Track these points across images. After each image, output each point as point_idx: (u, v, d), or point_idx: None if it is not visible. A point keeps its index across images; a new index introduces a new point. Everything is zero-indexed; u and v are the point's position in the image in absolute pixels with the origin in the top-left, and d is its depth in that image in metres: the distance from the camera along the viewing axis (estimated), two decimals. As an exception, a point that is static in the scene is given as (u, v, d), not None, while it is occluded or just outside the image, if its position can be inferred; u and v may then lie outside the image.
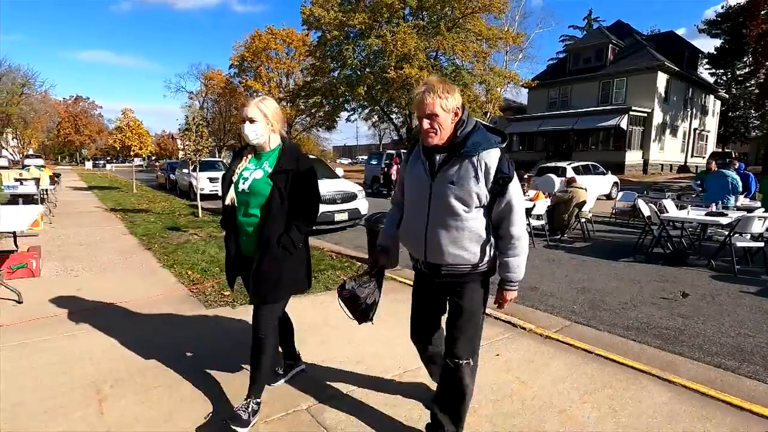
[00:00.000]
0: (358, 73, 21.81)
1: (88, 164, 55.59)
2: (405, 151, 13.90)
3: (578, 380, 2.61)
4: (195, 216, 9.31)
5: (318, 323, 3.42)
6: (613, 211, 10.01)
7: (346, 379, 2.55)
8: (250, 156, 2.12)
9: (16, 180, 8.28)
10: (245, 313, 3.38)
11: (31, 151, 52.61)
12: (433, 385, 2.22)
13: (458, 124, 1.71)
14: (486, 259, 1.77)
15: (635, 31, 29.30)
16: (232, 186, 2.08)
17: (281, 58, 36.32)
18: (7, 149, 50.92)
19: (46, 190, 10.10)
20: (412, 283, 2.10)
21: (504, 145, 1.74)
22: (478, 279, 1.81)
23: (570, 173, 13.27)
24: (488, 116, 22.37)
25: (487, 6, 19.38)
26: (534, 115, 28.12)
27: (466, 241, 1.73)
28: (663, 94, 25.33)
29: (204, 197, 11.44)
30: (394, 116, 25.28)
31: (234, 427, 1.95)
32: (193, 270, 4.84)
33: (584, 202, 7.93)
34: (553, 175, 12.69)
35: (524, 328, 3.41)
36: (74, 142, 62.72)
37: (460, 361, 1.81)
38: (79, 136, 61.96)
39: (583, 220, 8.06)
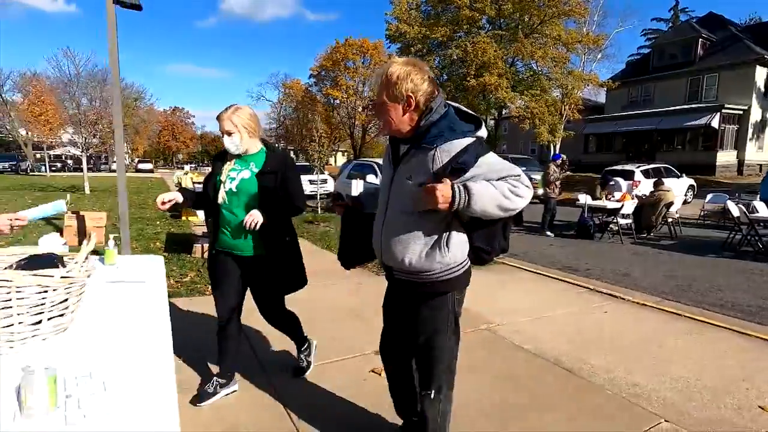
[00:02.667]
0: (438, 81, 23.03)
1: (186, 167, 62.48)
2: None
3: (669, 329, 3.65)
4: (315, 212, 11.09)
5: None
6: (702, 213, 10.29)
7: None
8: (234, 159, 2.23)
9: (197, 184, 10.63)
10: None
11: (137, 159, 60.37)
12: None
13: (424, 112, 1.48)
14: (438, 266, 1.52)
15: (729, 22, 27.43)
16: (221, 185, 2.19)
17: (357, 67, 38.60)
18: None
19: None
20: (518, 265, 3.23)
21: (479, 134, 1.49)
22: (435, 294, 1.58)
23: (638, 176, 13.24)
24: (564, 118, 22.49)
25: (567, 12, 19.68)
26: (612, 115, 27.46)
27: (416, 242, 1.52)
28: (762, 90, 23.65)
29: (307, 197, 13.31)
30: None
31: None
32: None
33: (672, 203, 8.50)
34: (620, 179, 12.76)
35: (624, 299, 4.44)
36: (171, 147, 70.91)
37: (420, 391, 1.71)
38: (175, 142, 69.96)
39: (670, 220, 8.62)
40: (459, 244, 1.55)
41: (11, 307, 1.08)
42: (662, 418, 2.32)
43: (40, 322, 1.15)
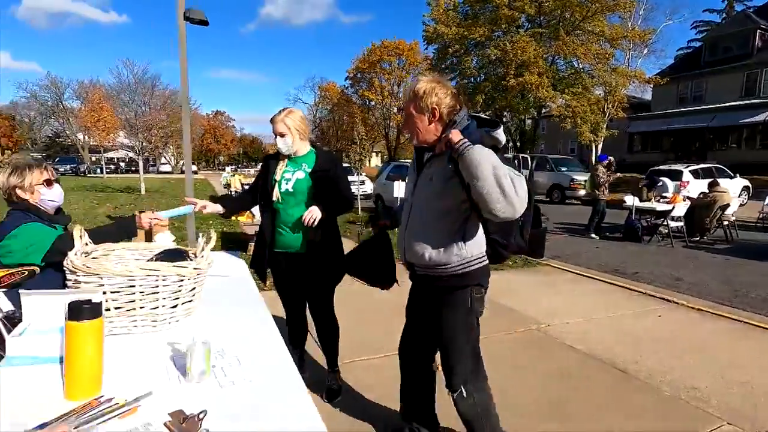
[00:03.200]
0: (475, 81, 22.88)
1: (228, 168, 65.16)
2: (524, 155, 14.50)
3: (728, 335, 3.56)
4: (355, 212, 11.35)
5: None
6: (760, 215, 9.75)
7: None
8: (285, 160, 2.32)
9: (246, 185, 11.18)
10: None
11: (182, 161, 63.46)
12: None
13: (448, 124, 1.61)
14: (456, 259, 1.63)
15: (792, 11, 25.60)
16: (276, 185, 2.27)
17: (393, 69, 38.87)
18: (166, 157, 62.25)
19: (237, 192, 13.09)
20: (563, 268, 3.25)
21: (494, 134, 1.62)
22: (453, 288, 1.68)
23: (687, 177, 12.70)
24: (607, 116, 21.74)
25: (611, 7, 19.06)
26: (659, 112, 26.24)
27: (435, 237, 1.65)
28: (828, 83, 21.94)
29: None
30: (505, 120, 25.79)
31: None
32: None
33: (728, 205, 8.12)
34: (666, 179, 12.25)
35: (677, 303, 4.35)
36: (213, 150, 73.92)
37: (452, 393, 1.75)
38: (217, 144, 72.86)
39: (725, 223, 8.23)
40: (475, 239, 1.67)
41: (158, 292, 1.30)
42: (725, 420, 2.33)
43: (176, 306, 1.36)
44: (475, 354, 1.76)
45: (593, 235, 8.42)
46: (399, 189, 8.66)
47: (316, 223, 2.18)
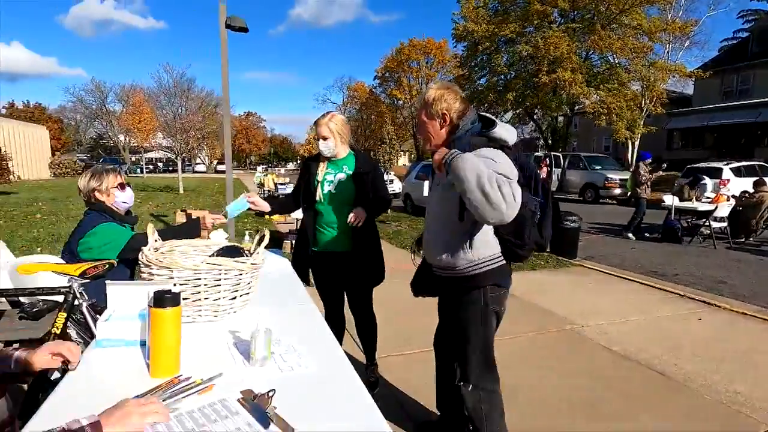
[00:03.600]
0: (505, 79, 22.54)
1: (259, 168, 66.96)
2: (555, 154, 14.17)
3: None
4: (386, 212, 11.47)
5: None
6: (813, 216, 9.18)
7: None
8: (326, 162, 2.39)
9: (279, 185, 11.54)
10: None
11: (216, 161, 65.55)
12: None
13: (454, 128, 1.68)
14: (463, 262, 1.68)
15: None
16: (319, 187, 2.35)
17: (421, 67, 38.78)
18: (201, 157, 64.67)
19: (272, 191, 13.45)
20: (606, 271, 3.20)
21: (491, 133, 1.63)
22: (466, 288, 1.72)
23: (727, 174, 12.09)
24: (645, 112, 20.94)
25: (649, -1, 18.36)
26: (702, 107, 25.02)
27: (445, 240, 1.71)
28: None
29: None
30: (536, 117, 25.28)
31: None
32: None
33: (776, 206, 7.72)
34: (705, 177, 11.73)
35: (719, 306, 4.21)
36: (245, 150, 76.01)
37: (460, 386, 1.79)
38: (248, 145, 74.84)
39: (773, 224, 7.84)
40: (484, 242, 1.67)
41: (220, 285, 1.43)
42: (768, 426, 2.28)
43: (235, 298, 1.49)
44: (487, 352, 1.78)
45: (630, 235, 8.19)
46: (428, 188, 8.69)
47: (361, 223, 2.27)
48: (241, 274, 1.46)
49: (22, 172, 21.26)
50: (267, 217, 10.06)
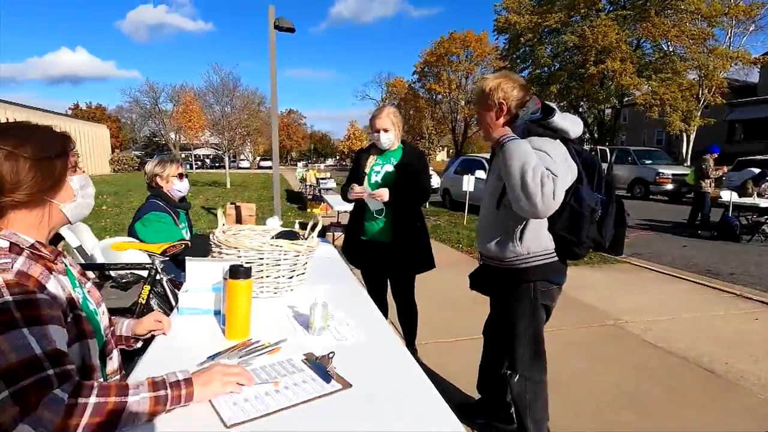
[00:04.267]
0: (549, 71, 21.84)
1: (300, 164, 68.78)
2: (602, 148, 13.51)
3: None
4: (424, 207, 11.53)
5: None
6: None
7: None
8: (375, 154, 2.51)
9: (321, 179, 11.91)
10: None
11: (259, 157, 67.86)
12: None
13: (513, 118, 1.65)
14: (511, 254, 1.67)
15: None
16: (366, 178, 2.47)
17: (461, 61, 38.21)
18: (245, 154, 67.26)
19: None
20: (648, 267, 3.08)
21: (549, 121, 1.59)
22: (514, 281, 1.72)
23: None
24: (702, 103, 19.64)
25: (710, -19, 17.17)
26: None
27: (494, 232, 1.71)
28: None
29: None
30: (582, 110, 24.30)
31: None
32: (460, 243, 6.64)
33: None
34: (754, 170, 10.84)
35: (779, 307, 3.99)
36: (286, 146, 78.17)
37: (507, 373, 1.82)
38: (289, 141, 76.88)
39: None
40: (534, 236, 1.64)
41: (280, 264, 1.59)
42: (827, 428, 2.18)
43: (292, 277, 1.64)
44: (535, 342, 1.78)
45: (699, 231, 7.92)
46: (468, 183, 8.66)
47: (384, 199, 2.35)
48: (298, 255, 1.61)
49: (87, 169, 23.01)
50: (309, 210, 10.37)
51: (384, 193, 2.37)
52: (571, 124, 1.64)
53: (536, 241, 1.66)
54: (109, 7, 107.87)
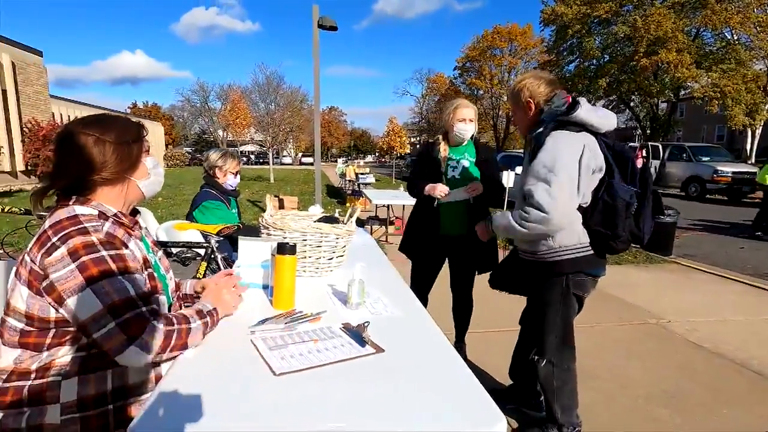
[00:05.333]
0: (597, 63, 20.92)
1: (340, 161, 69.99)
2: (654, 144, 12.75)
3: None
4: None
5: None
6: None
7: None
8: (447, 148, 2.41)
9: (360, 175, 12.18)
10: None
11: (300, 153, 69.62)
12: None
13: (541, 113, 1.72)
14: (543, 248, 1.72)
15: None
16: (442, 174, 2.39)
17: (504, 55, 37.36)
18: (287, 150, 69.30)
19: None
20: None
21: (569, 117, 1.62)
22: (547, 273, 1.76)
23: None
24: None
25: (781, -38, 15.79)
26: None
27: None
28: None
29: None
30: (633, 105, 23.10)
31: None
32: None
33: None
34: None
35: None
36: (327, 143, 79.68)
37: (533, 356, 1.86)
38: (330, 138, 78.30)
39: None
40: (568, 230, 1.66)
41: (321, 246, 1.72)
42: None
43: (332, 258, 1.77)
44: (565, 330, 1.80)
45: (758, 233, 7.40)
46: (508, 179, 8.54)
47: (478, 192, 2.29)
48: (338, 238, 1.74)
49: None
50: (348, 204, 10.63)
51: (479, 187, 2.29)
52: (599, 117, 1.65)
53: (569, 235, 1.68)
54: (166, 8, 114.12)
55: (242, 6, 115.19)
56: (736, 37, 18.25)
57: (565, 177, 1.57)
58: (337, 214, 2.72)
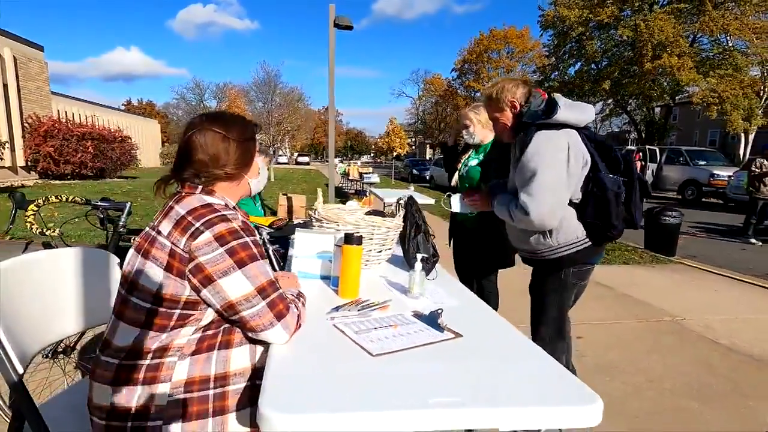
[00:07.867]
0: (598, 67, 21.12)
1: (337, 160, 69.94)
2: (651, 147, 12.81)
3: None
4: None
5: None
6: None
7: (687, 315, 3.70)
8: (470, 148, 2.57)
9: (364, 174, 12.20)
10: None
11: (296, 153, 69.48)
12: None
13: (522, 113, 1.76)
14: (542, 247, 1.77)
15: None
16: (457, 171, 2.58)
17: (501, 58, 37.60)
18: (282, 149, 69.20)
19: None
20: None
21: (552, 119, 1.65)
22: (548, 268, 1.83)
23: None
24: (764, 100, 18.41)
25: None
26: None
27: (520, 229, 1.81)
28: None
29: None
30: (630, 109, 23.33)
31: None
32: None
33: None
34: None
35: None
36: (323, 143, 79.70)
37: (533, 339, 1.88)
38: (326, 137, 78.26)
39: None
40: (566, 227, 1.72)
41: (372, 239, 1.76)
42: None
43: (381, 251, 1.81)
44: (559, 320, 1.88)
45: (753, 240, 7.20)
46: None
47: (480, 209, 2.24)
48: (388, 231, 1.78)
49: (140, 162, 24.40)
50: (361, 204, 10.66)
51: (479, 203, 2.22)
52: (576, 113, 1.70)
53: (566, 232, 1.74)
54: (161, 4, 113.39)
55: (240, 4, 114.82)
56: (732, 44, 18.55)
57: (551, 177, 1.63)
58: (399, 202, 2.71)
